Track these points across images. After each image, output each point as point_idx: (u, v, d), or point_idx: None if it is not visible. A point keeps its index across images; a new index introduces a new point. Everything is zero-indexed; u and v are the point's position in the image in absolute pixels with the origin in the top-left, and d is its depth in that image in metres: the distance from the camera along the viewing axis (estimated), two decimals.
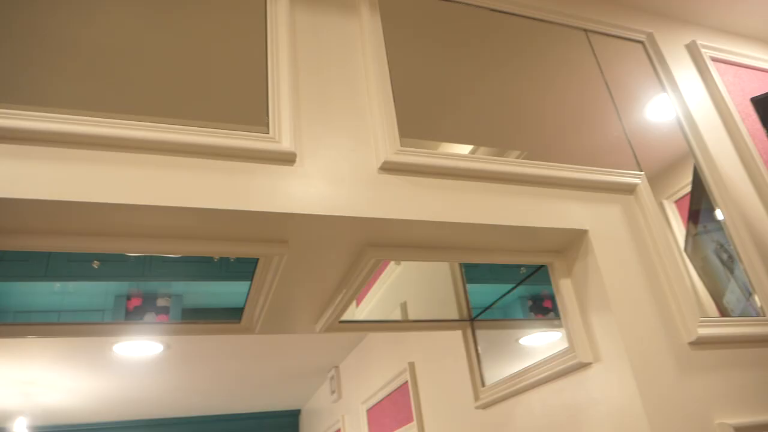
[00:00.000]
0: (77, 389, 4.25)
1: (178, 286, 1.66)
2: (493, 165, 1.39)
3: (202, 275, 1.58)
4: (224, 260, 1.51)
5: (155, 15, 1.27)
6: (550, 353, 1.51)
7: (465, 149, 1.43)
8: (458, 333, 2.36)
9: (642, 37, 1.95)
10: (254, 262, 1.39)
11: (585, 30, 1.87)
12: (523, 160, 1.44)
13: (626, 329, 1.31)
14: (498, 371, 1.88)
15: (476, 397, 1.92)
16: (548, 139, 1.54)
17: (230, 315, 1.74)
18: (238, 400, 5.27)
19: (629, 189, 1.53)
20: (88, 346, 3.48)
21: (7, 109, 1.04)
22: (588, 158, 1.55)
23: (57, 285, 1.56)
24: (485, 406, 1.89)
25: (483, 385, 1.91)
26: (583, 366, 1.39)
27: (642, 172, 1.57)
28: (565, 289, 1.46)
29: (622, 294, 1.36)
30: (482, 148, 1.45)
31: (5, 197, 0.98)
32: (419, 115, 1.42)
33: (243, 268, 1.50)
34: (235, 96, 1.24)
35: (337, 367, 4.47)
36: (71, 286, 1.57)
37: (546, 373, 1.50)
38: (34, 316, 1.62)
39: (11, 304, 1.59)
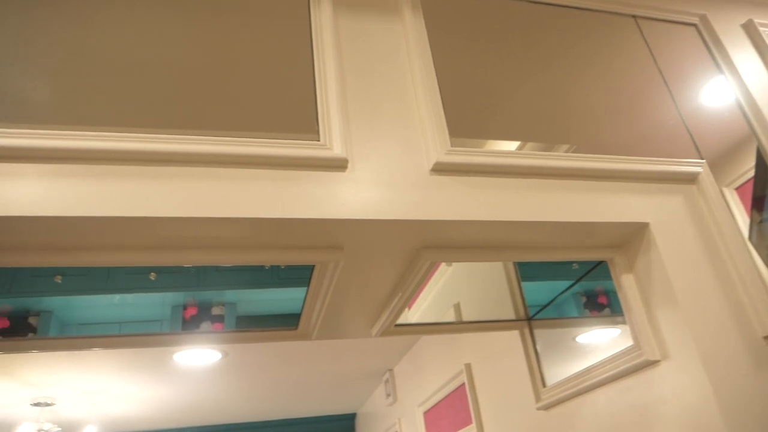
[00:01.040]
0: (141, 398, 4.38)
1: (232, 295, 1.69)
2: (547, 160, 1.36)
3: (254, 283, 1.61)
4: (275, 268, 1.53)
5: (199, 29, 1.30)
6: (612, 351, 1.46)
7: (511, 146, 1.41)
8: (514, 333, 2.32)
9: (695, 20, 1.88)
10: (305, 268, 1.40)
11: (634, 16, 1.81)
12: (579, 154, 1.40)
13: (695, 324, 1.26)
14: (557, 371, 1.84)
15: (537, 398, 1.88)
16: (599, 132, 1.49)
17: (283, 321, 1.76)
18: (295, 404, 5.33)
19: (690, 178, 1.47)
20: (150, 356, 3.58)
21: (67, 130, 1.07)
22: (644, 149, 1.50)
23: (117, 297, 1.61)
24: (547, 407, 1.86)
25: (544, 385, 1.87)
26: (650, 364, 1.34)
27: (703, 160, 1.51)
28: (627, 285, 1.42)
29: (689, 288, 1.30)
30: (529, 144, 1.42)
31: (68, 215, 1.01)
32: (467, 113, 1.40)
33: (293, 275, 1.51)
34: (284, 105, 1.25)
35: (391, 370, 4.47)
36: (130, 298, 1.62)
37: (611, 372, 1.46)
38: (96, 328, 1.68)
39: (75, 317, 1.65)
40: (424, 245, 1.31)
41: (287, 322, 1.76)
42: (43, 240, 1.09)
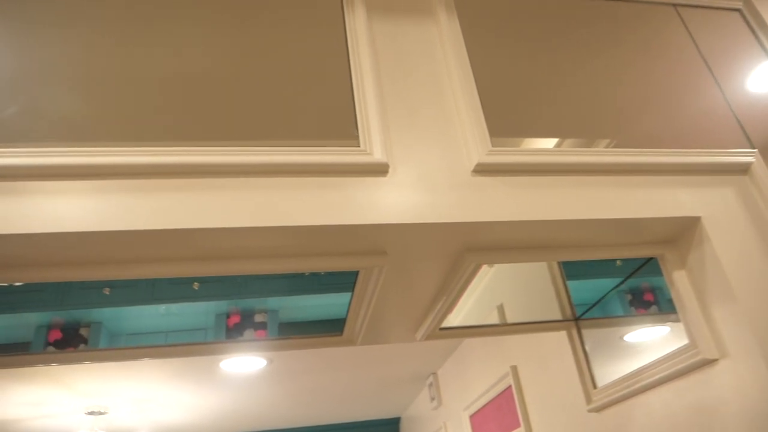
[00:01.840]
0: (189, 405, 4.46)
1: (273, 302, 1.70)
2: (592, 157, 1.33)
3: (295, 290, 1.62)
4: (315, 274, 1.53)
5: (235, 42, 1.31)
6: (664, 350, 1.42)
7: (549, 144, 1.38)
8: (560, 333, 2.28)
9: (738, 5, 1.82)
10: (345, 274, 1.40)
11: (674, 5, 1.76)
12: (624, 149, 1.37)
13: (756, 320, 1.21)
14: (607, 371, 1.79)
15: (588, 400, 1.84)
16: (643, 125, 1.45)
17: (325, 327, 1.76)
18: (339, 410, 5.35)
19: (742, 169, 1.42)
20: (197, 364, 3.65)
21: (110, 147, 1.10)
22: (691, 140, 1.45)
23: (162, 307, 1.64)
24: (599, 409, 1.81)
25: (594, 386, 1.83)
26: (707, 363, 1.30)
27: (755, 150, 1.45)
28: (680, 282, 1.37)
29: (747, 282, 1.25)
30: (568, 141, 1.39)
31: (115, 230, 1.04)
32: (506, 112, 1.38)
33: (334, 281, 1.52)
34: (323, 112, 1.26)
35: (435, 373, 4.44)
36: (175, 307, 1.65)
37: (665, 372, 1.41)
38: (144, 338, 1.71)
39: (123, 328, 1.69)
40: (468, 247, 1.30)
41: (330, 327, 1.76)
42: (92, 254, 1.12)
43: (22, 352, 1.63)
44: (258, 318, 1.71)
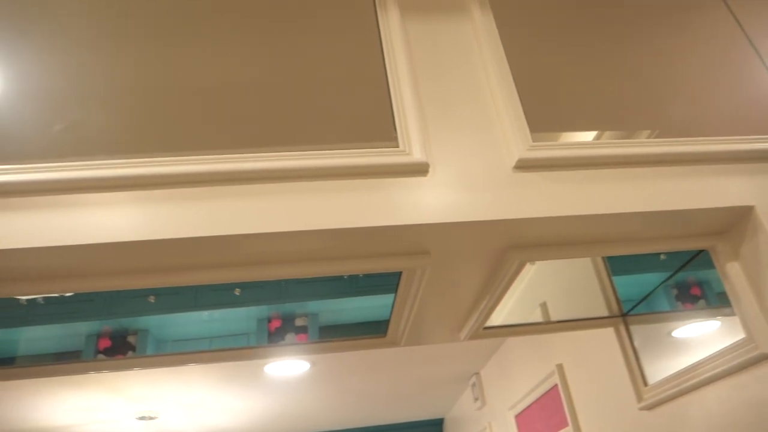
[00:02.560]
0: (236, 409, 4.53)
1: (313, 306, 1.71)
2: (636, 148, 1.29)
3: (334, 293, 1.62)
4: (354, 277, 1.54)
5: (270, 50, 1.33)
6: (717, 345, 1.37)
7: (589, 137, 1.35)
8: (606, 330, 2.23)
9: None
10: (383, 276, 1.40)
11: None
12: (669, 139, 1.33)
13: None
14: (657, 368, 1.75)
15: (639, 398, 1.80)
16: (687, 113, 1.41)
17: (366, 329, 1.77)
18: (382, 411, 5.35)
19: None
20: (243, 369, 3.70)
21: (153, 157, 1.12)
22: (739, 127, 1.40)
23: (205, 314, 1.66)
24: (651, 407, 1.77)
25: (645, 384, 1.78)
26: (766, 358, 1.25)
27: None
28: (734, 274, 1.33)
29: None
30: (607, 133, 1.36)
31: (160, 239, 1.06)
32: (545, 107, 1.36)
33: (372, 283, 1.52)
34: (360, 114, 1.26)
35: (477, 373, 4.40)
36: (218, 313, 1.67)
37: (721, 368, 1.37)
38: (189, 344, 1.75)
39: (169, 335, 1.72)
40: (512, 245, 1.28)
41: (370, 329, 1.77)
42: (138, 263, 1.15)
43: (74, 360, 1.68)
44: (299, 322, 1.73)
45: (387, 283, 1.50)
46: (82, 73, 1.24)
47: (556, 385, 2.84)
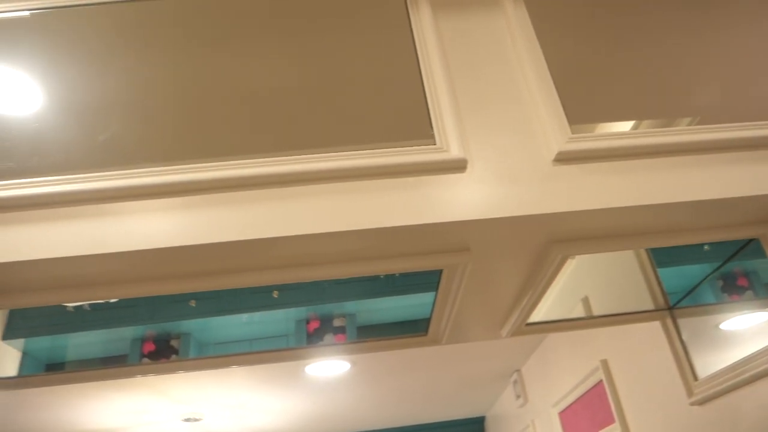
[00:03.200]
0: (279, 410, 4.58)
1: (350, 306, 1.72)
2: (679, 136, 1.26)
3: (371, 293, 1.63)
4: (390, 276, 1.53)
5: (303, 53, 1.33)
6: None
7: (626, 127, 1.32)
8: (652, 324, 2.18)
9: None
10: (421, 274, 1.40)
11: None
12: (714, 125, 1.29)
13: None
14: (706, 361, 1.70)
15: (690, 393, 1.75)
16: (730, 99, 1.37)
17: (403, 328, 1.76)
18: (423, 410, 5.34)
19: None
20: (284, 370, 3.74)
21: (190, 164, 1.14)
22: None
23: (245, 316, 1.68)
24: (702, 402, 1.72)
25: (695, 378, 1.73)
26: None
27: None
28: None
29: None
30: (645, 122, 1.32)
31: (199, 243, 1.08)
32: (583, 98, 1.34)
33: (408, 282, 1.52)
34: (396, 113, 1.26)
35: (519, 370, 4.36)
36: (257, 316, 1.69)
37: None
38: (230, 347, 1.77)
39: (210, 338, 1.75)
40: (554, 239, 1.26)
41: (408, 328, 1.76)
42: (180, 268, 1.17)
43: (121, 364, 1.72)
44: (337, 322, 1.74)
45: (423, 281, 1.49)
46: (121, 84, 1.27)
47: (600, 382, 2.78)
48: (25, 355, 1.70)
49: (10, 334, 1.58)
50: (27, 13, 1.38)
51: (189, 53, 1.32)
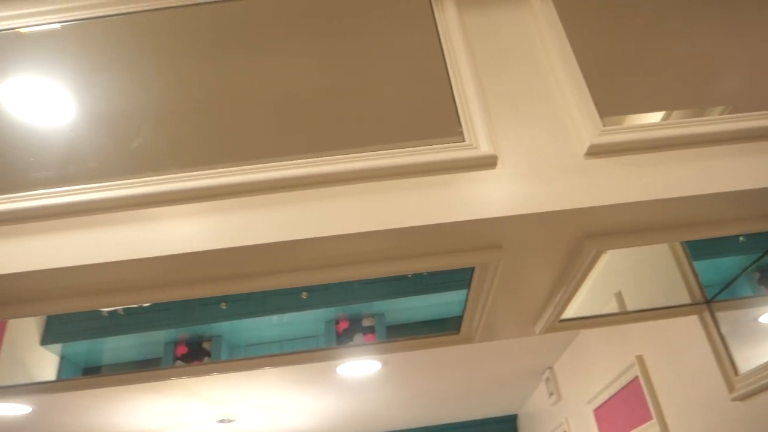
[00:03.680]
0: (311, 410, 4.61)
1: (379, 306, 1.71)
2: (713, 125, 1.22)
3: (399, 292, 1.62)
4: (418, 275, 1.53)
5: (330, 55, 1.33)
6: None
7: (657, 117, 1.29)
8: (688, 318, 2.13)
9: None
10: (448, 273, 1.39)
11: None
12: (749, 113, 1.25)
13: None
14: (747, 356, 1.65)
15: (731, 388, 1.71)
16: (761, 85, 1.32)
17: (433, 326, 1.76)
18: (454, 408, 5.32)
19: None
20: (316, 370, 3.76)
21: (218, 168, 1.15)
22: None
23: (274, 318, 1.69)
24: (744, 398, 1.67)
25: (736, 373, 1.69)
26: None
27: None
28: None
29: None
30: (675, 113, 1.29)
31: (230, 247, 1.08)
32: (613, 90, 1.31)
33: (436, 280, 1.51)
34: (424, 112, 1.25)
35: (551, 367, 4.31)
36: (286, 317, 1.70)
37: None
38: (261, 349, 1.78)
39: (241, 340, 1.76)
40: (588, 234, 1.24)
41: (439, 327, 1.75)
42: (212, 272, 1.18)
43: (155, 367, 1.75)
44: (366, 322, 1.74)
45: (450, 280, 1.49)
46: (150, 90, 1.28)
47: (636, 378, 2.74)
48: (63, 359, 1.73)
49: (48, 340, 1.61)
50: (58, 25, 1.40)
51: (216, 58, 1.33)
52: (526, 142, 1.21)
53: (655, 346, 2.54)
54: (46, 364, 1.72)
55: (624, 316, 1.83)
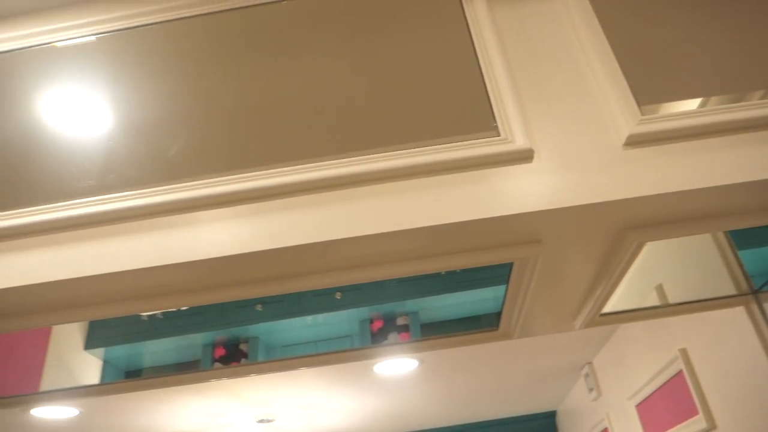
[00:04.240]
0: (349, 410, 4.63)
1: (413, 304, 1.71)
2: (757, 110, 1.18)
3: (433, 290, 1.61)
4: (451, 273, 1.52)
5: (360, 54, 1.33)
6: None
7: (694, 104, 1.25)
8: (734, 309, 2.07)
9: None
10: (482, 270, 1.38)
11: None
12: None
13: None
14: None
15: None
16: None
17: (469, 323, 1.74)
18: (492, 405, 5.28)
19: None
20: (352, 370, 3.77)
21: (250, 172, 1.16)
22: None
23: (309, 319, 1.70)
24: None
25: None
26: None
27: None
28: None
29: None
30: (713, 99, 1.25)
31: (265, 249, 1.09)
32: (651, 77, 1.28)
33: (470, 277, 1.50)
34: (457, 108, 1.24)
35: (590, 363, 4.24)
36: (321, 317, 1.71)
37: None
38: (297, 349, 1.79)
39: (278, 341, 1.78)
40: (629, 225, 1.21)
41: (474, 324, 1.74)
42: (246, 275, 1.19)
43: (194, 369, 1.78)
44: (400, 321, 1.73)
45: (485, 276, 1.48)
46: (184, 97, 1.30)
47: (680, 372, 2.67)
48: (106, 363, 1.77)
49: (91, 344, 1.65)
50: (93, 38, 1.43)
51: (246, 62, 1.34)
52: (563, 135, 1.19)
53: (698, 339, 2.48)
54: (90, 368, 1.76)
55: (667, 309, 1.79)
